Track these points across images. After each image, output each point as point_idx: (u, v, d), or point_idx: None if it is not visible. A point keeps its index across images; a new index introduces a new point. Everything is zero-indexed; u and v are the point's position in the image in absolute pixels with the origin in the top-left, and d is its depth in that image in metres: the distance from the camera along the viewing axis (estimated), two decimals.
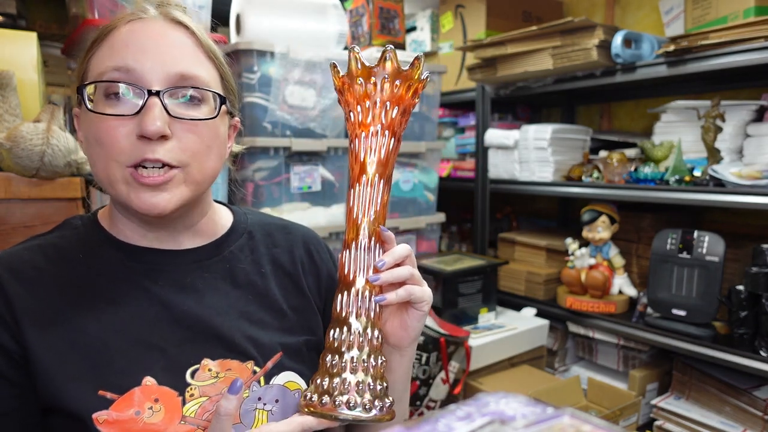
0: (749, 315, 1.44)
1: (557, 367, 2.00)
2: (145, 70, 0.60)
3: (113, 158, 0.60)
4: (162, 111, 0.60)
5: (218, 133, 0.67)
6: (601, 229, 1.80)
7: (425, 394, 1.53)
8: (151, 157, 0.59)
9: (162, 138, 0.60)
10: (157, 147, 0.60)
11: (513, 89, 2.02)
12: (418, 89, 0.67)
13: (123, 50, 0.61)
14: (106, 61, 0.61)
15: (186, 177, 0.63)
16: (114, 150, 0.60)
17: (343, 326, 0.64)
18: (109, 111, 0.60)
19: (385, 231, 0.66)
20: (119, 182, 0.61)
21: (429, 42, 2.43)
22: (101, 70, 0.61)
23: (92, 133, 0.62)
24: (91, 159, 0.64)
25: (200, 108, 0.64)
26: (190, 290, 0.67)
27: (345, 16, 1.61)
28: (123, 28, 0.63)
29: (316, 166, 1.57)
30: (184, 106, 0.63)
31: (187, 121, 0.62)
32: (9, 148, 0.97)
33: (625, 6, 2.14)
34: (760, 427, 1.47)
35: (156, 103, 0.59)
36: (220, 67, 0.69)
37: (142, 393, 0.60)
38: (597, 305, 1.79)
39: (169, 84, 0.61)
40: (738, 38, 1.39)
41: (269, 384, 0.68)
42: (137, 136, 0.59)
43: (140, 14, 0.64)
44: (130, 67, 0.60)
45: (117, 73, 0.60)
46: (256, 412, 0.66)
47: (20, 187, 1.00)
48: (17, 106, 1.08)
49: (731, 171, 1.45)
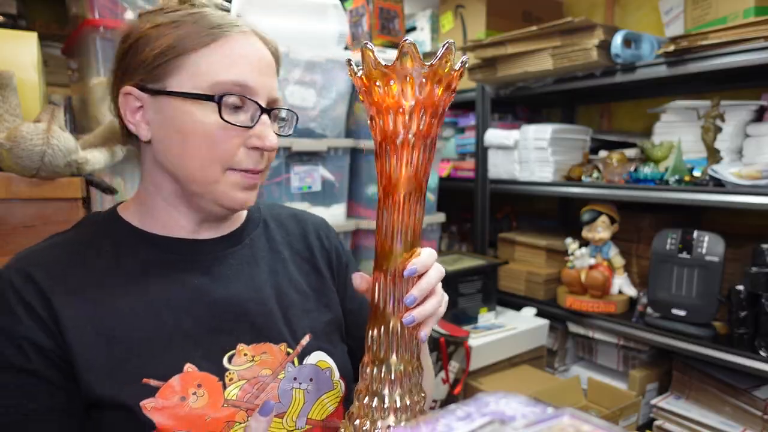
0: (749, 315, 1.44)
1: (557, 367, 2.00)
2: (258, 88, 0.66)
3: (218, 160, 0.65)
4: (273, 127, 0.69)
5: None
6: (601, 229, 1.80)
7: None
8: (255, 168, 0.67)
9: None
10: (261, 159, 0.68)
11: (513, 89, 2.02)
12: (452, 82, 0.58)
13: (240, 65, 0.65)
14: (225, 71, 0.64)
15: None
16: (225, 154, 0.65)
17: (381, 365, 0.59)
18: (229, 119, 0.64)
19: (411, 269, 0.59)
20: (218, 180, 0.66)
21: (429, 42, 2.43)
22: (221, 79, 0.64)
23: (201, 135, 0.64)
24: (182, 154, 0.65)
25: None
26: (219, 277, 0.70)
27: (345, 16, 1.61)
28: (234, 39, 0.66)
29: (316, 166, 1.57)
30: (275, 125, 0.71)
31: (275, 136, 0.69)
32: (9, 148, 0.97)
33: (625, 6, 2.14)
34: (760, 427, 1.47)
35: (269, 121, 0.67)
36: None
37: (185, 379, 0.63)
38: (597, 305, 1.79)
39: (269, 104, 0.68)
40: (738, 38, 1.39)
41: (302, 364, 0.71)
42: (249, 147, 0.66)
43: (241, 27, 0.67)
44: (249, 85, 0.65)
45: (237, 87, 0.64)
46: (293, 392, 0.70)
47: (20, 187, 1.00)
48: (17, 106, 1.08)
49: (731, 171, 1.45)
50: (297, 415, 0.69)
